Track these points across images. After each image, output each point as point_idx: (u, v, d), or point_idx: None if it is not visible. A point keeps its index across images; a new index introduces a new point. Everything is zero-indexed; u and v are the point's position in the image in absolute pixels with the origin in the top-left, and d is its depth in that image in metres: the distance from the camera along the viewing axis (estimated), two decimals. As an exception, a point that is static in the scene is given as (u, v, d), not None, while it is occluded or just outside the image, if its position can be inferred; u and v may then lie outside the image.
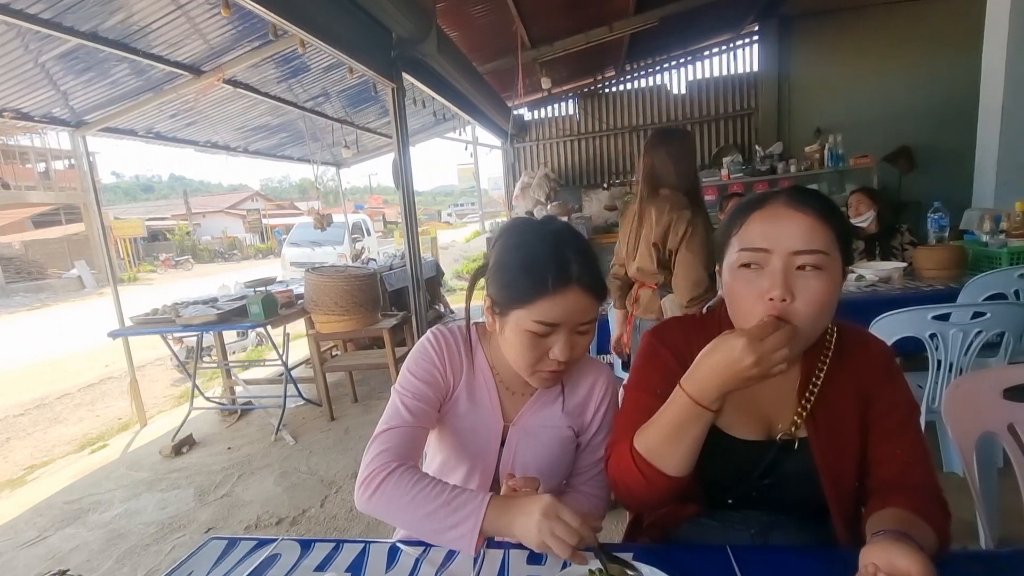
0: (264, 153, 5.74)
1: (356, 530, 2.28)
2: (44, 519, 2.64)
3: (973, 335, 1.69)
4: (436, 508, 0.77)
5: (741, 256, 0.75)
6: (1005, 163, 3.27)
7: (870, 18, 5.83)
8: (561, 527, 0.69)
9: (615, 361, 2.46)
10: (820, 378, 0.81)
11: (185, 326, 3.22)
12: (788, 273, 0.71)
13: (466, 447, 0.96)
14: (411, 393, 0.92)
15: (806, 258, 0.71)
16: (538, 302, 0.81)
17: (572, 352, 0.86)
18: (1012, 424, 0.98)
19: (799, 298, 0.70)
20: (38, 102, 3.24)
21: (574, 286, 0.81)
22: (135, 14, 2.56)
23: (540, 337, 0.84)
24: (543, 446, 0.95)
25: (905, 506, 0.72)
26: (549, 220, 0.90)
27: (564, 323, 0.83)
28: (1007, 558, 0.78)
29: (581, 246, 0.85)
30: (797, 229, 0.71)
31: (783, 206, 0.74)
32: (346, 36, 2.67)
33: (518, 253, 0.86)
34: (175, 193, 44.73)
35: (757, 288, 0.72)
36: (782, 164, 5.11)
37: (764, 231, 0.73)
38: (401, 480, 0.81)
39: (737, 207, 0.81)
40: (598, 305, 0.85)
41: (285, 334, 3.72)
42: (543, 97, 6.75)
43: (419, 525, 0.79)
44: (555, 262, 0.81)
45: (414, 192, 3.38)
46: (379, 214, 27.60)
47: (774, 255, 0.72)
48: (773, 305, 0.70)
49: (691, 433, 0.73)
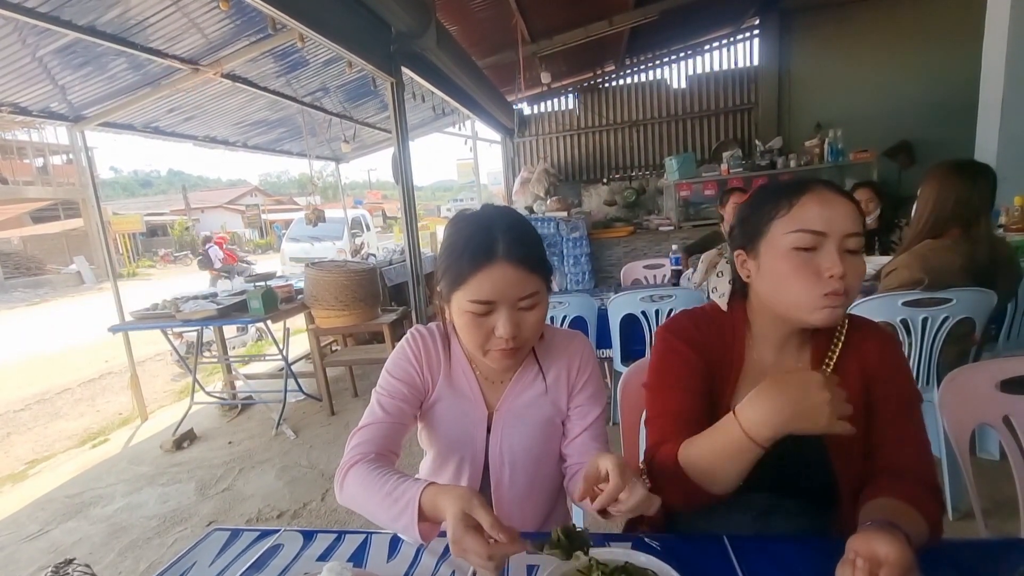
0: (263, 148, 5.72)
1: (356, 523, 2.29)
2: (46, 513, 2.65)
3: (940, 320, 1.78)
4: (383, 499, 0.78)
5: (797, 238, 0.76)
6: (1004, 158, 3.26)
7: (871, 12, 5.81)
8: (471, 540, 0.64)
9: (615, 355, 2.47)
10: (830, 364, 0.84)
11: (185, 321, 3.23)
12: (842, 253, 0.75)
13: (453, 439, 0.98)
14: (387, 392, 0.95)
15: (854, 240, 0.76)
16: (469, 281, 0.82)
17: (519, 330, 0.84)
18: (1007, 416, 0.99)
19: (849, 276, 0.75)
20: (36, 96, 3.23)
21: (499, 260, 0.81)
22: (133, 8, 2.54)
23: (481, 317, 0.84)
24: (528, 428, 0.97)
25: (899, 495, 0.72)
26: (484, 207, 0.92)
27: (500, 299, 0.83)
28: (1001, 547, 0.79)
29: (511, 223, 0.86)
30: (847, 213, 0.76)
31: (828, 191, 0.78)
32: (345, 30, 2.66)
33: (451, 241, 0.87)
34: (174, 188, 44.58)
35: (813, 268, 0.76)
36: (782, 159, 5.09)
37: (822, 214, 0.75)
38: (359, 473, 0.84)
39: (766, 193, 0.82)
40: (535, 279, 0.84)
41: (285, 329, 3.73)
42: (543, 92, 6.72)
43: (378, 516, 0.79)
44: (480, 240, 0.83)
45: (413, 187, 3.37)
46: (378, 209, 27.52)
47: (830, 237, 0.75)
48: (834, 281, 0.74)
49: (739, 463, 0.72)
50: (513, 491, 0.97)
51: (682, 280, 2.69)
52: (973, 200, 1.77)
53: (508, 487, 0.97)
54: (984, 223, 1.79)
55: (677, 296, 2.30)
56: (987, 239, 1.81)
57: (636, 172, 6.80)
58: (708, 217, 5.24)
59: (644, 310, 2.32)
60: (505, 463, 0.97)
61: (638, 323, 2.35)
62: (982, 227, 1.79)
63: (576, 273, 5.20)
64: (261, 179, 61.98)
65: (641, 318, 2.34)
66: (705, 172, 5.27)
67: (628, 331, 2.40)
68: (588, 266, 5.22)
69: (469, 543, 0.64)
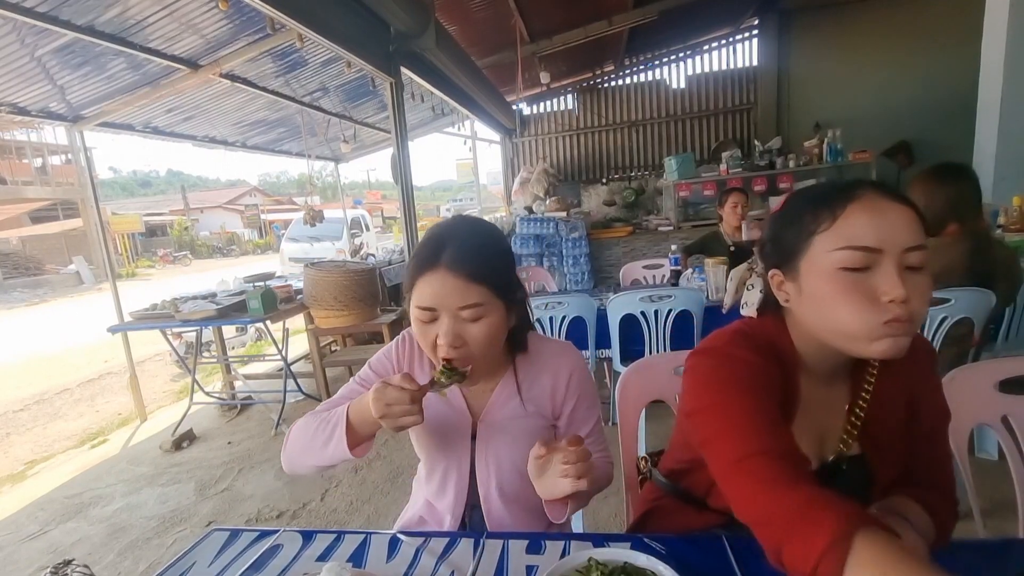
0: (262, 148, 5.72)
1: (356, 523, 2.30)
2: (45, 513, 2.65)
3: (939, 320, 1.79)
4: (316, 430, 0.88)
5: (844, 257, 0.63)
6: (1003, 158, 3.27)
7: (870, 12, 5.82)
8: (391, 392, 0.77)
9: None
10: (870, 392, 0.75)
11: (184, 321, 3.22)
12: (902, 272, 0.62)
13: (440, 445, 0.99)
14: (361, 383, 0.99)
15: (917, 255, 0.62)
16: (415, 287, 0.84)
17: (461, 340, 0.83)
18: (1006, 416, 0.99)
19: (913, 299, 0.61)
20: (35, 97, 3.23)
21: (441, 267, 0.81)
22: (132, 7, 2.54)
23: (426, 324, 0.85)
24: (513, 438, 0.96)
25: (912, 496, 0.72)
26: (457, 215, 0.94)
27: (440, 306, 0.83)
28: (1000, 547, 0.79)
29: (467, 233, 0.86)
30: (905, 221, 0.62)
31: (879, 196, 0.63)
32: (344, 30, 2.66)
33: (415, 248, 0.89)
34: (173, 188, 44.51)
35: (867, 291, 0.62)
36: (781, 159, 5.10)
37: (874, 226, 0.62)
38: (298, 423, 0.94)
39: (803, 202, 0.69)
40: (479, 289, 0.81)
41: (284, 329, 3.72)
42: (542, 92, 6.73)
43: (316, 451, 0.88)
44: (429, 247, 0.84)
45: (413, 187, 3.38)
46: (377, 209, 27.51)
47: (886, 254, 0.62)
48: (895, 307, 0.61)
49: None
50: (503, 499, 0.97)
51: (681, 280, 2.69)
52: (964, 195, 1.80)
53: (497, 495, 0.97)
54: (980, 218, 1.81)
55: (676, 296, 2.31)
56: (987, 235, 1.83)
57: (635, 172, 6.81)
58: (707, 217, 5.23)
59: (643, 310, 2.33)
60: (492, 472, 0.97)
61: (637, 323, 2.35)
62: (980, 222, 1.80)
63: (575, 273, 5.21)
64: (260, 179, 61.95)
65: (640, 318, 2.34)
66: (704, 172, 5.27)
67: (627, 331, 2.40)
68: (587, 266, 5.23)
69: (390, 392, 0.77)
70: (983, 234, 1.82)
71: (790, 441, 0.65)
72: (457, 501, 0.99)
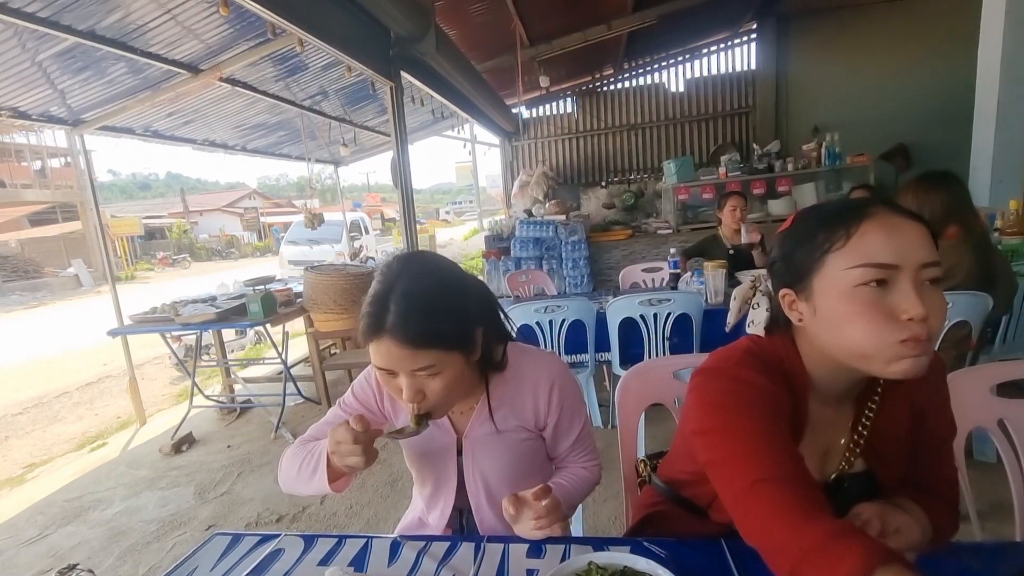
0: (262, 151, 5.74)
1: (356, 527, 2.30)
2: (45, 517, 2.64)
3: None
4: (302, 462, 0.92)
5: (861, 274, 0.62)
6: (1000, 161, 3.29)
7: (867, 16, 5.85)
8: (340, 431, 0.81)
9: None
10: (874, 409, 0.75)
11: (184, 324, 3.22)
12: (919, 289, 0.62)
13: (428, 464, 1.02)
14: (343, 408, 1.02)
15: (933, 270, 0.62)
16: (369, 347, 0.82)
17: (422, 395, 0.83)
18: (1002, 419, 1.00)
19: (932, 317, 0.61)
20: (35, 101, 3.24)
21: (384, 336, 0.78)
22: (133, 12, 2.55)
23: (387, 376, 0.83)
24: (498, 453, 0.97)
25: (913, 498, 0.73)
26: (402, 259, 0.86)
27: (395, 368, 0.81)
28: (997, 549, 0.80)
29: (408, 287, 0.80)
30: (919, 237, 0.63)
31: (893, 215, 0.64)
32: (344, 35, 2.67)
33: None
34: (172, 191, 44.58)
35: (885, 309, 0.62)
36: (779, 162, 5.12)
37: (890, 243, 0.62)
38: (288, 452, 0.98)
39: (815, 220, 0.68)
40: (428, 354, 0.79)
41: (284, 332, 3.72)
42: (541, 95, 6.75)
43: (304, 483, 0.92)
44: (372, 311, 0.80)
45: (412, 190, 3.39)
46: (377, 212, 27.55)
47: (903, 270, 0.62)
48: (914, 325, 0.61)
49: None
50: (493, 512, 0.98)
51: (680, 283, 2.70)
52: (957, 197, 1.83)
53: (488, 508, 0.99)
54: (978, 218, 1.83)
55: (675, 299, 2.31)
56: (987, 235, 1.85)
57: (634, 175, 6.83)
58: (706, 220, 5.25)
59: (643, 313, 2.33)
60: (479, 484, 0.98)
61: (637, 326, 2.36)
62: (979, 222, 1.82)
63: (575, 276, 5.22)
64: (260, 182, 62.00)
65: (639, 321, 2.34)
66: (703, 175, 5.29)
67: (627, 334, 2.41)
68: (587, 269, 5.24)
69: (339, 431, 0.81)
70: (983, 234, 1.84)
71: (801, 466, 0.64)
72: (447, 510, 1.01)
